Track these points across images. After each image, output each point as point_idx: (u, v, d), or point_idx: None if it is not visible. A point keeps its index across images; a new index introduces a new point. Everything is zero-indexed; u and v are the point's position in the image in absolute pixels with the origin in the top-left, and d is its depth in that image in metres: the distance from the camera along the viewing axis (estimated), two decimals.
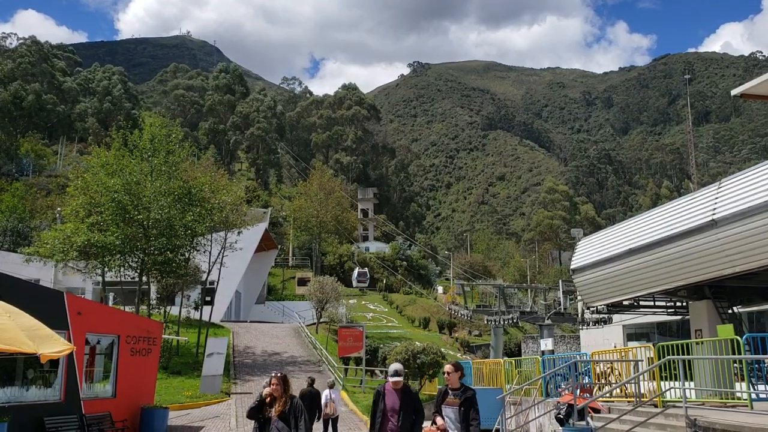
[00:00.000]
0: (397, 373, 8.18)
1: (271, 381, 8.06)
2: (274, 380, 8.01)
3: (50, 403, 16.06)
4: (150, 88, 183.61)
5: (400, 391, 8.13)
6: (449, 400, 8.02)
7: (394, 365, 8.31)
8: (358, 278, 74.56)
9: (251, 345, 39.47)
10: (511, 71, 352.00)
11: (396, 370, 8.22)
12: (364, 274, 75.78)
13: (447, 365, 8.25)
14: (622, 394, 15.35)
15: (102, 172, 31.06)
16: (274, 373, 8.10)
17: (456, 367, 8.16)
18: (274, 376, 8.05)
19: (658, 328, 27.27)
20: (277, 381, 7.99)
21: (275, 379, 8.01)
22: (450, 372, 8.11)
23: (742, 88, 14.23)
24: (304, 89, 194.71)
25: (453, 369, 8.12)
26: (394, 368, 8.24)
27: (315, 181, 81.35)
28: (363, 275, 75.42)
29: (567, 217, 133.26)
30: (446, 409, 8.01)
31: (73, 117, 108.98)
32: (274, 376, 8.05)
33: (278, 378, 8.01)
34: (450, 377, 8.09)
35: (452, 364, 8.19)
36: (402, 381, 8.18)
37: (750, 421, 10.26)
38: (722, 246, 14.12)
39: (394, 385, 8.09)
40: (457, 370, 8.13)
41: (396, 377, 8.14)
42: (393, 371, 8.21)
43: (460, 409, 7.87)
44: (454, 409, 7.90)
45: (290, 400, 7.92)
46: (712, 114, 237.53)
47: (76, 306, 17.00)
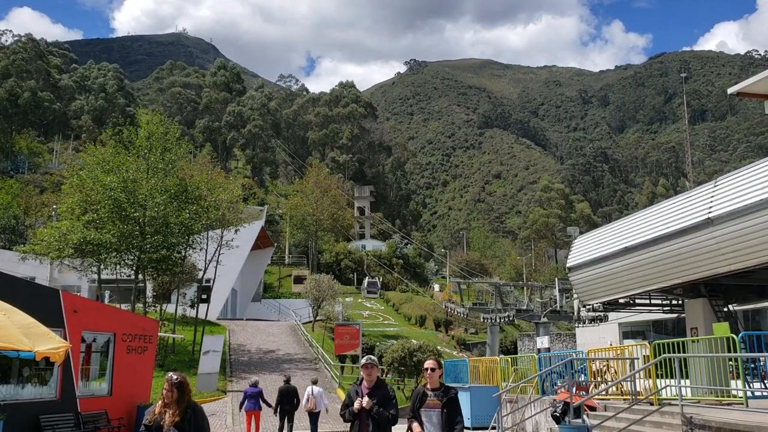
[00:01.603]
0: (370, 359, 7.33)
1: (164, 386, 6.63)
2: (166, 385, 6.57)
3: (46, 401, 16.04)
4: (146, 86, 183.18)
5: (373, 387, 7.23)
6: (430, 401, 7.10)
7: (367, 356, 7.48)
8: (368, 288, 71.37)
9: (247, 343, 39.44)
10: (507, 69, 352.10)
11: (369, 356, 7.40)
12: (374, 284, 72.82)
13: (428, 361, 7.26)
14: (618, 392, 15.38)
15: (98, 169, 30.99)
16: (169, 376, 6.67)
17: (440, 363, 7.30)
18: (167, 380, 6.61)
19: (654, 326, 27.33)
20: (169, 387, 6.55)
21: (167, 384, 6.58)
22: (434, 368, 7.18)
23: (739, 86, 14.25)
24: (301, 87, 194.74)
25: (435, 365, 7.20)
26: (367, 357, 7.44)
27: (311, 178, 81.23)
28: (373, 285, 72.42)
29: (563, 216, 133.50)
30: (426, 412, 7.09)
31: (69, 114, 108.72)
32: (167, 380, 6.61)
33: (172, 383, 6.55)
34: (431, 375, 7.18)
35: (435, 360, 7.26)
36: (376, 370, 7.30)
37: (745, 419, 10.30)
38: (718, 244, 14.15)
39: (367, 378, 7.22)
40: (440, 367, 7.27)
41: (369, 361, 7.27)
42: (366, 357, 7.39)
43: (443, 412, 6.97)
44: (436, 412, 6.99)
45: (190, 409, 6.54)
46: (708, 112, 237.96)
47: (72, 304, 16.96)
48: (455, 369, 26.41)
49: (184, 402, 6.55)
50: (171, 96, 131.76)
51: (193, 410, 6.56)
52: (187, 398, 6.61)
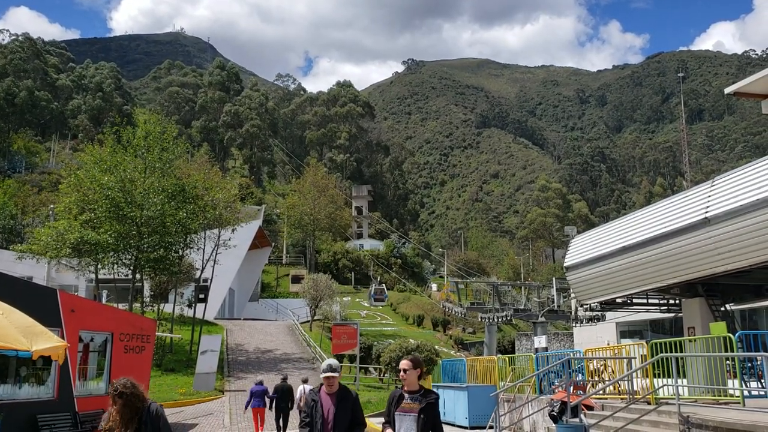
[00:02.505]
0: (331, 368, 6.59)
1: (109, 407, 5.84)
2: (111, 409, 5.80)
3: (43, 401, 16.02)
4: (143, 85, 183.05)
5: (335, 395, 6.54)
6: (405, 405, 6.32)
7: (327, 360, 6.79)
8: (375, 296, 67.72)
9: (245, 342, 39.43)
10: (505, 69, 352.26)
11: (330, 365, 6.65)
12: (381, 290, 69.31)
13: (403, 361, 6.50)
14: (615, 391, 15.40)
15: (96, 169, 30.96)
16: (112, 383, 5.93)
17: (415, 363, 6.46)
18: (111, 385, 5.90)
19: (651, 325, 27.37)
20: (111, 400, 5.80)
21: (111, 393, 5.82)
22: (407, 369, 6.40)
23: (736, 86, 14.28)
24: (298, 86, 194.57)
25: (411, 365, 6.41)
26: (327, 363, 6.69)
27: (309, 178, 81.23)
28: (380, 292, 68.88)
29: (560, 215, 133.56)
30: (400, 416, 6.30)
31: (66, 114, 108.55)
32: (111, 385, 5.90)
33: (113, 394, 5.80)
34: (407, 376, 6.39)
35: (410, 360, 6.48)
36: (337, 378, 6.60)
37: (742, 418, 10.32)
38: (715, 244, 14.17)
39: (328, 387, 6.56)
40: (416, 367, 6.42)
41: (330, 372, 6.55)
42: (326, 365, 6.64)
43: (419, 417, 6.17)
44: (411, 417, 6.20)
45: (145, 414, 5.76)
46: (705, 112, 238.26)
47: (70, 303, 16.95)
48: (453, 368, 26.43)
49: (133, 415, 5.72)
50: (168, 95, 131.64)
51: (149, 415, 5.75)
52: (137, 409, 5.75)
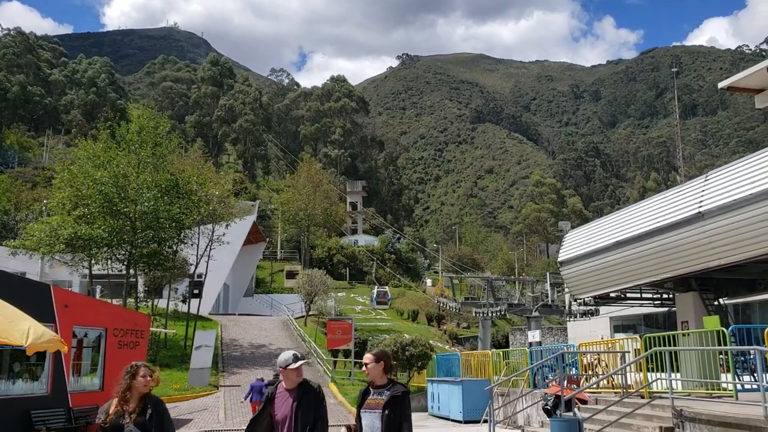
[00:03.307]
0: (296, 358, 5.90)
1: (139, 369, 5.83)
2: (144, 371, 5.83)
3: (37, 397, 15.99)
4: (137, 80, 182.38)
5: (296, 390, 5.84)
6: (371, 401, 5.76)
7: (288, 351, 6.07)
8: (378, 299, 66.02)
9: (239, 338, 39.40)
10: (499, 64, 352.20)
11: (294, 354, 5.92)
12: (384, 293, 68.05)
13: (366, 355, 5.95)
14: (609, 385, 15.46)
15: (89, 164, 30.83)
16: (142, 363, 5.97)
17: (378, 356, 5.85)
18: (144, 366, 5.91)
19: (645, 320, 27.46)
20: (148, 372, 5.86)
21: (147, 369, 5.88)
22: (368, 363, 5.84)
23: (729, 81, 14.28)
24: (292, 81, 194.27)
25: (372, 359, 5.83)
26: (290, 353, 5.96)
27: (303, 173, 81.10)
28: (383, 295, 67.44)
29: (555, 210, 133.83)
30: (366, 414, 5.75)
31: (60, 109, 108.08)
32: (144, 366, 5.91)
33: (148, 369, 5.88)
34: (369, 371, 5.83)
35: (372, 354, 5.91)
36: (302, 370, 5.92)
37: (735, 411, 10.37)
38: (709, 238, 14.22)
39: (287, 381, 5.87)
40: (380, 360, 5.82)
41: (301, 361, 5.88)
42: (290, 356, 5.89)
43: (383, 414, 5.60)
44: (377, 414, 5.63)
45: (151, 404, 5.72)
46: (699, 107, 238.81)
47: (63, 299, 16.91)
48: (447, 363, 26.49)
49: (149, 395, 5.80)
50: (162, 90, 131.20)
51: (154, 405, 5.73)
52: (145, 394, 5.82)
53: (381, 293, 67.65)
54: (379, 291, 68.24)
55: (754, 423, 9.63)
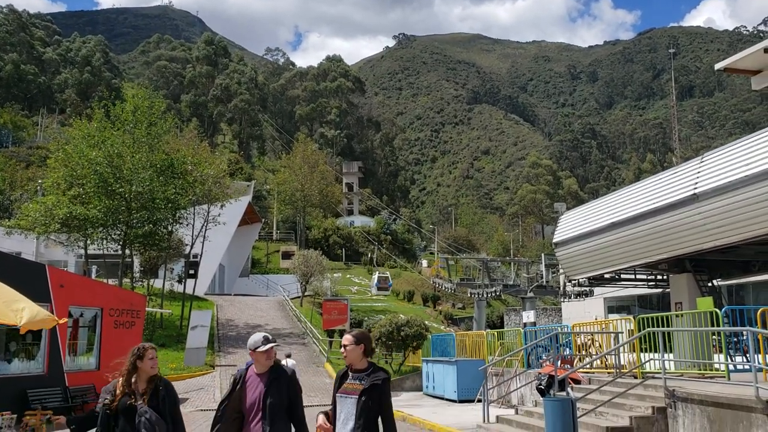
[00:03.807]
0: (268, 339, 5.52)
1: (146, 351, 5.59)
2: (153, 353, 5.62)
3: (33, 376, 16.06)
4: (132, 59, 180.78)
5: (267, 374, 5.46)
6: (347, 385, 5.30)
7: (258, 333, 5.66)
8: (379, 284, 62.64)
9: (235, 318, 39.53)
10: (496, 44, 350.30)
11: (265, 336, 5.55)
12: (386, 279, 64.28)
13: (345, 335, 5.46)
14: (602, 365, 15.57)
15: (83, 144, 30.69)
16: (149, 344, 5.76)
17: (358, 338, 5.37)
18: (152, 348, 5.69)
19: (639, 301, 27.61)
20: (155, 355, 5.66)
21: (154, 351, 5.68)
22: (347, 345, 5.36)
23: (726, 62, 14.24)
24: (287, 60, 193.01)
25: (352, 341, 5.35)
26: (261, 335, 5.57)
27: (299, 154, 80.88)
28: (384, 280, 63.82)
29: (550, 192, 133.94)
30: (342, 399, 5.28)
31: (54, 88, 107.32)
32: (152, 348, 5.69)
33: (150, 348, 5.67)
34: (347, 353, 5.36)
35: (352, 335, 5.43)
36: (272, 352, 5.50)
37: (727, 391, 10.46)
38: (704, 220, 14.25)
39: (258, 365, 5.51)
40: (360, 342, 5.34)
41: (271, 344, 5.49)
42: (261, 338, 5.52)
43: (359, 400, 5.12)
44: (353, 400, 5.17)
45: (162, 385, 5.56)
46: (695, 89, 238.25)
47: (59, 279, 16.92)
48: (443, 343, 26.63)
49: (157, 376, 5.66)
50: (157, 70, 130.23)
51: (166, 388, 5.58)
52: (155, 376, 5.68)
53: (382, 279, 64.10)
54: (380, 277, 64.51)
55: (746, 403, 9.73)
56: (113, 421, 5.44)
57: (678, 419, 11.17)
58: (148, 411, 5.34)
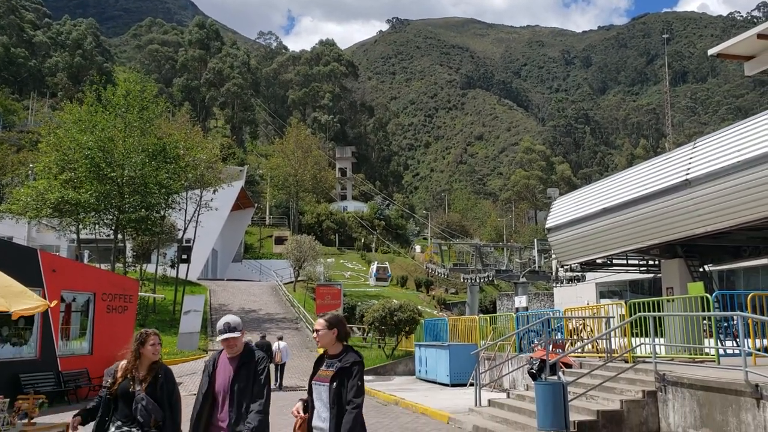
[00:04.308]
0: (229, 327, 5.26)
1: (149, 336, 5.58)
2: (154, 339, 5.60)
3: (26, 360, 16.05)
4: (123, 42, 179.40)
5: (237, 359, 5.30)
6: (321, 372, 5.07)
7: (224, 318, 5.42)
8: (377, 275, 60.12)
9: (228, 302, 39.55)
10: (490, 29, 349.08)
11: (227, 323, 5.30)
12: (384, 269, 61.60)
13: (318, 320, 5.22)
14: (593, 349, 15.66)
15: (75, 128, 30.49)
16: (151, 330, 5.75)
17: (331, 322, 5.11)
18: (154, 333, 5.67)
19: (631, 286, 27.78)
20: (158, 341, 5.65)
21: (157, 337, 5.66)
22: (319, 329, 5.10)
23: (719, 47, 14.23)
24: (280, 44, 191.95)
25: (324, 325, 5.09)
26: (224, 321, 5.34)
27: (292, 138, 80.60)
28: (383, 271, 61.18)
29: (543, 177, 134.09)
30: (316, 386, 5.07)
31: (44, 71, 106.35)
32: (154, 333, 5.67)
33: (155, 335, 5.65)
34: (319, 338, 5.11)
35: (325, 319, 5.16)
36: (239, 339, 5.31)
37: (717, 375, 10.55)
38: (695, 205, 14.30)
39: (228, 350, 5.32)
40: (332, 326, 5.09)
41: (228, 334, 5.24)
42: (222, 325, 5.30)
43: (331, 386, 4.90)
44: (326, 387, 4.95)
45: (161, 372, 5.53)
46: (689, 74, 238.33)
47: (51, 263, 16.86)
48: (435, 328, 26.72)
49: (158, 364, 5.62)
50: (149, 53, 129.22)
51: (165, 374, 5.55)
52: (160, 360, 5.71)
53: (381, 269, 61.54)
54: (378, 267, 61.87)
55: (735, 387, 9.82)
56: (113, 404, 5.47)
57: (668, 403, 11.27)
58: (145, 398, 5.35)
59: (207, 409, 5.23)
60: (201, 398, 5.24)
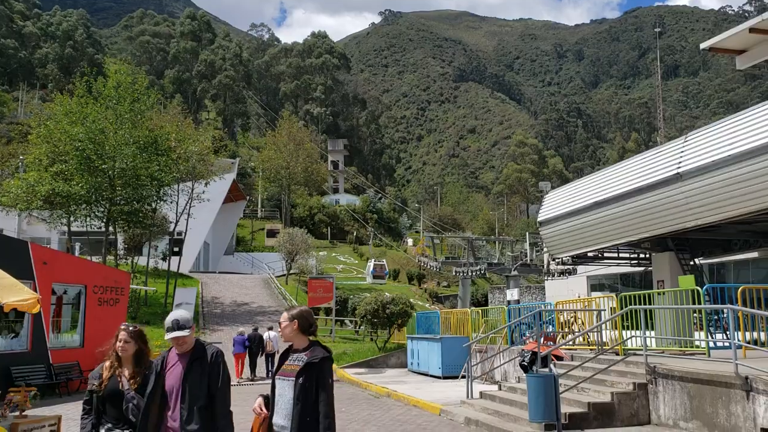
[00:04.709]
0: (177, 325, 4.93)
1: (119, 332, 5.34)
2: (123, 335, 5.31)
3: (17, 353, 15.99)
4: (114, 34, 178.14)
5: (188, 355, 4.96)
6: (286, 366, 4.83)
7: (172, 314, 5.07)
8: (375, 272, 56.61)
9: (220, 295, 39.49)
10: (483, 22, 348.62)
11: (175, 320, 4.96)
12: (382, 267, 57.88)
13: (283, 313, 5.01)
14: (584, 342, 15.73)
15: (65, 120, 30.30)
16: (125, 325, 5.46)
17: (293, 315, 4.91)
18: (123, 329, 5.38)
19: (622, 279, 27.88)
20: (127, 337, 5.32)
21: (125, 334, 5.33)
22: (281, 322, 4.93)
23: (712, 41, 14.26)
24: (272, 36, 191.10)
25: (287, 317, 4.90)
26: (172, 317, 5.00)
27: (284, 131, 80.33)
28: (380, 268, 57.44)
29: (536, 171, 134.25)
30: (280, 382, 4.81)
31: (34, 62, 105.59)
32: (123, 329, 5.38)
33: (129, 333, 5.35)
34: (282, 330, 4.91)
35: (288, 311, 4.98)
36: (189, 338, 4.96)
37: (707, 368, 10.62)
38: (686, 199, 14.36)
39: (177, 347, 4.99)
40: (293, 319, 4.88)
41: (177, 332, 4.92)
42: (170, 322, 4.96)
43: (296, 382, 4.65)
44: (290, 382, 4.71)
45: (150, 370, 5.15)
46: (681, 68, 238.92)
47: (42, 256, 16.79)
48: (427, 321, 26.78)
49: (145, 360, 5.35)
50: (140, 45, 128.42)
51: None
52: (147, 355, 5.40)
53: (378, 266, 57.96)
54: (376, 264, 58.31)
55: (725, 379, 9.89)
56: (101, 406, 5.26)
57: (658, 395, 11.34)
58: (135, 396, 5.15)
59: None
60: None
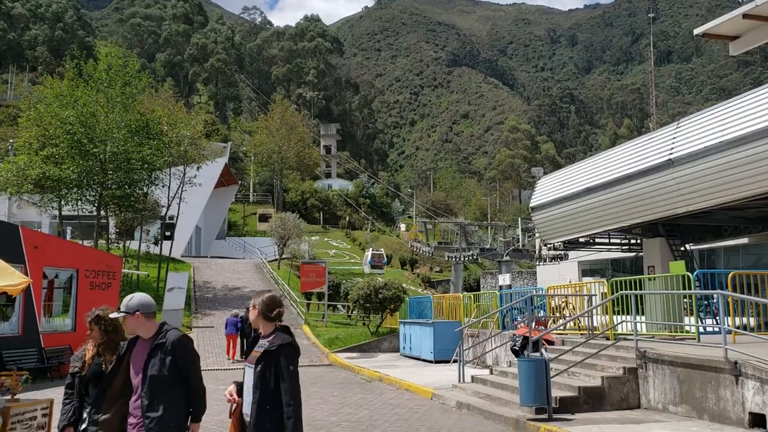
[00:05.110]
0: (118, 308, 4.90)
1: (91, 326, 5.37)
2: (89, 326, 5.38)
3: (8, 337, 15.97)
4: (105, 16, 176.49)
5: (151, 340, 4.77)
6: (253, 353, 4.75)
7: (133, 297, 4.88)
8: (373, 261, 53.94)
9: (212, 280, 39.47)
10: (476, 6, 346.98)
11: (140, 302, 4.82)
12: (380, 256, 55.24)
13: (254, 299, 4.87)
14: (575, 327, 15.83)
15: (56, 103, 30.05)
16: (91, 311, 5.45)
17: (258, 304, 4.79)
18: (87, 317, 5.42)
19: (613, 264, 28.01)
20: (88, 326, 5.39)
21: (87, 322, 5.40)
22: (251, 309, 4.81)
23: (705, 27, 14.25)
24: (264, 19, 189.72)
25: (252, 305, 4.83)
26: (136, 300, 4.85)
27: (276, 115, 79.98)
28: (379, 258, 54.74)
29: (528, 156, 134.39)
30: (247, 368, 4.75)
31: (24, 44, 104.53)
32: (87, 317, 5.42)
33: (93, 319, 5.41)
34: (252, 316, 4.81)
35: (254, 299, 4.86)
36: (133, 320, 4.76)
37: (696, 352, 10.71)
38: (678, 185, 14.41)
39: (136, 332, 4.84)
40: (255, 306, 4.79)
41: (114, 314, 4.96)
42: (126, 305, 4.81)
43: (256, 369, 4.58)
44: (251, 369, 4.66)
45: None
46: (674, 54, 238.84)
47: (33, 240, 16.73)
48: (420, 305, 26.88)
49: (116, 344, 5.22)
50: (131, 27, 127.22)
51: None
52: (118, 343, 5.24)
53: (376, 256, 55.26)
54: (374, 253, 55.57)
55: (715, 364, 9.98)
56: (83, 389, 5.24)
57: (648, 379, 11.45)
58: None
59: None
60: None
